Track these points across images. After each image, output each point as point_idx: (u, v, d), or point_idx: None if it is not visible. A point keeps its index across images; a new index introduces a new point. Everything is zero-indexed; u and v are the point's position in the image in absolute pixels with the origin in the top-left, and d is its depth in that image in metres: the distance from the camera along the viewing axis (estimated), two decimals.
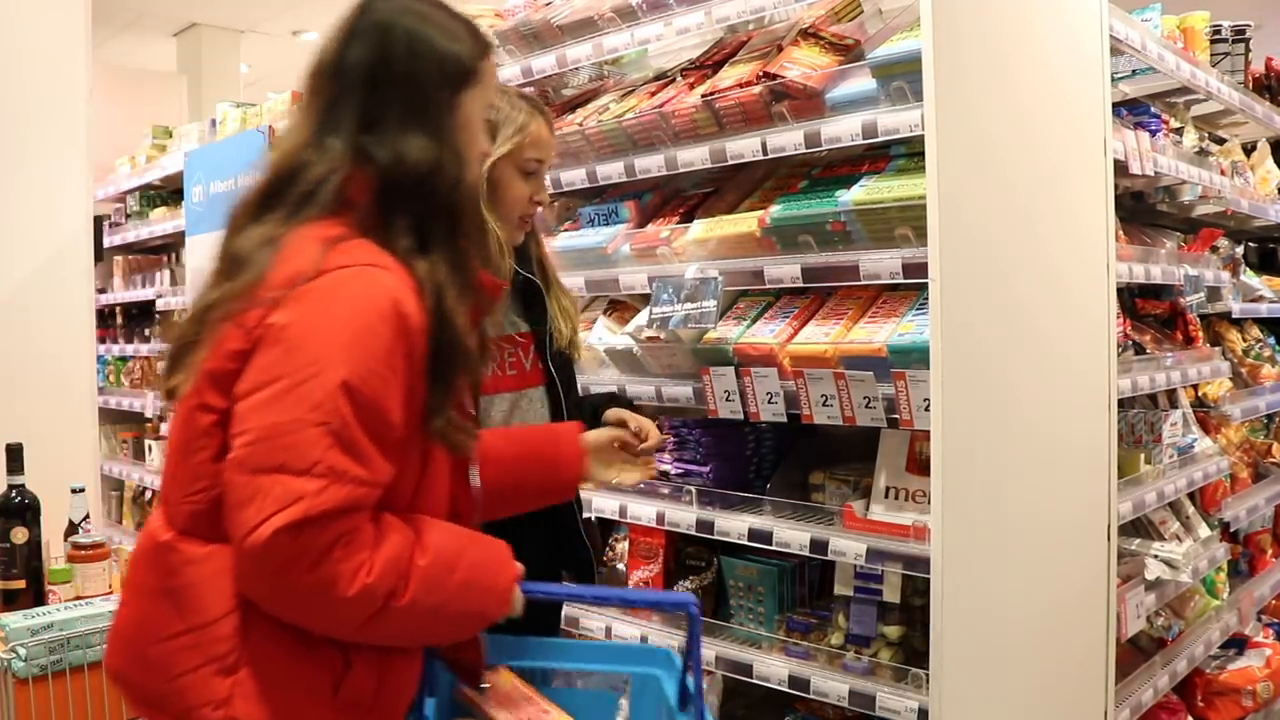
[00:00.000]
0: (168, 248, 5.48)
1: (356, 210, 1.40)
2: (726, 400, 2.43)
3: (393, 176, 1.39)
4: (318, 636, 1.36)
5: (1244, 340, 3.72)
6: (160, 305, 5.18)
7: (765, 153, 2.37)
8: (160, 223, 5.26)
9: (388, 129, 1.40)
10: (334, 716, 1.39)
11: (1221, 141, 3.63)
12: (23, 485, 2.32)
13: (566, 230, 2.96)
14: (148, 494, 5.49)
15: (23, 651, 1.96)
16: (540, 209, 2.01)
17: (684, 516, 2.53)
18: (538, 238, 2.14)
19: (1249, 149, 3.81)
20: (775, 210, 2.39)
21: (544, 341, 2.05)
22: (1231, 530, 3.41)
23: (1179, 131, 3.21)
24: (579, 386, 2.20)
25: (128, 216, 5.67)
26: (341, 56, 1.43)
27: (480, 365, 1.51)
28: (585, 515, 2.18)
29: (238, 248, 1.43)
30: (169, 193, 5.46)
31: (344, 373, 1.28)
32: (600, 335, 2.77)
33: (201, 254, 4.04)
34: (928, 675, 2.04)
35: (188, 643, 1.36)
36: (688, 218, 2.68)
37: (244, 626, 1.36)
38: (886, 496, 2.34)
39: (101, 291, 5.52)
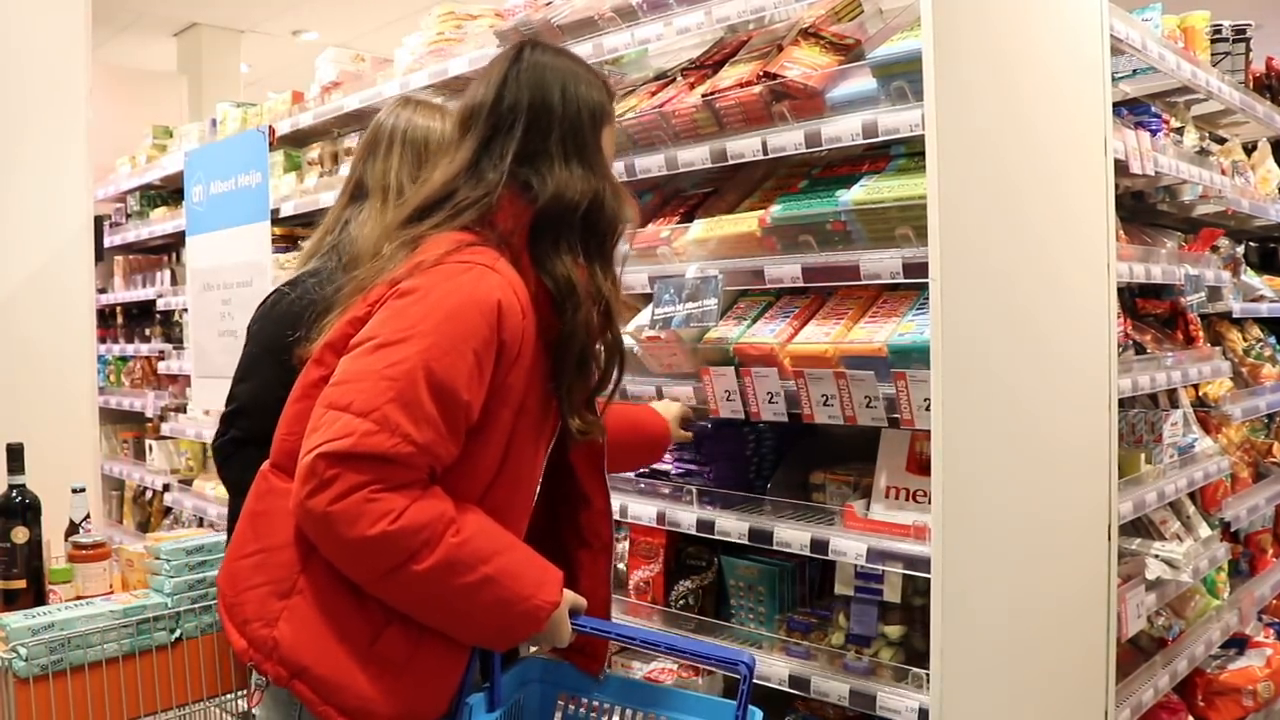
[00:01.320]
0: (168, 248, 5.49)
1: (495, 229, 1.57)
2: (727, 400, 2.43)
3: (556, 205, 1.58)
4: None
5: (1244, 340, 3.72)
6: (160, 305, 5.18)
7: (765, 152, 2.37)
8: (160, 223, 5.26)
9: (547, 163, 1.59)
10: (365, 666, 1.49)
11: (1222, 141, 3.63)
12: (23, 485, 2.32)
13: None
14: (148, 494, 5.49)
15: (23, 651, 1.96)
16: None
17: (684, 516, 2.53)
18: None
19: (1249, 149, 3.81)
20: (775, 210, 2.39)
21: None
22: (1232, 530, 3.41)
23: (1179, 131, 3.21)
24: None
25: (128, 216, 5.68)
26: (498, 101, 1.62)
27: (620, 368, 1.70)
28: None
29: (381, 245, 1.62)
30: (169, 193, 5.47)
31: (427, 344, 1.43)
32: None
33: (201, 254, 4.04)
34: (928, 675, 2.04)
35: (257, 561, 1.53)
36: (688, 217, 2.68)
37: (304, 559, 1.50)
38: (887, 496, 2.34)
39: (102, 291, 5.52)
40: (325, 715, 1.48)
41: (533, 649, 1.82)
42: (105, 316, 5.79)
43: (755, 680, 2.36)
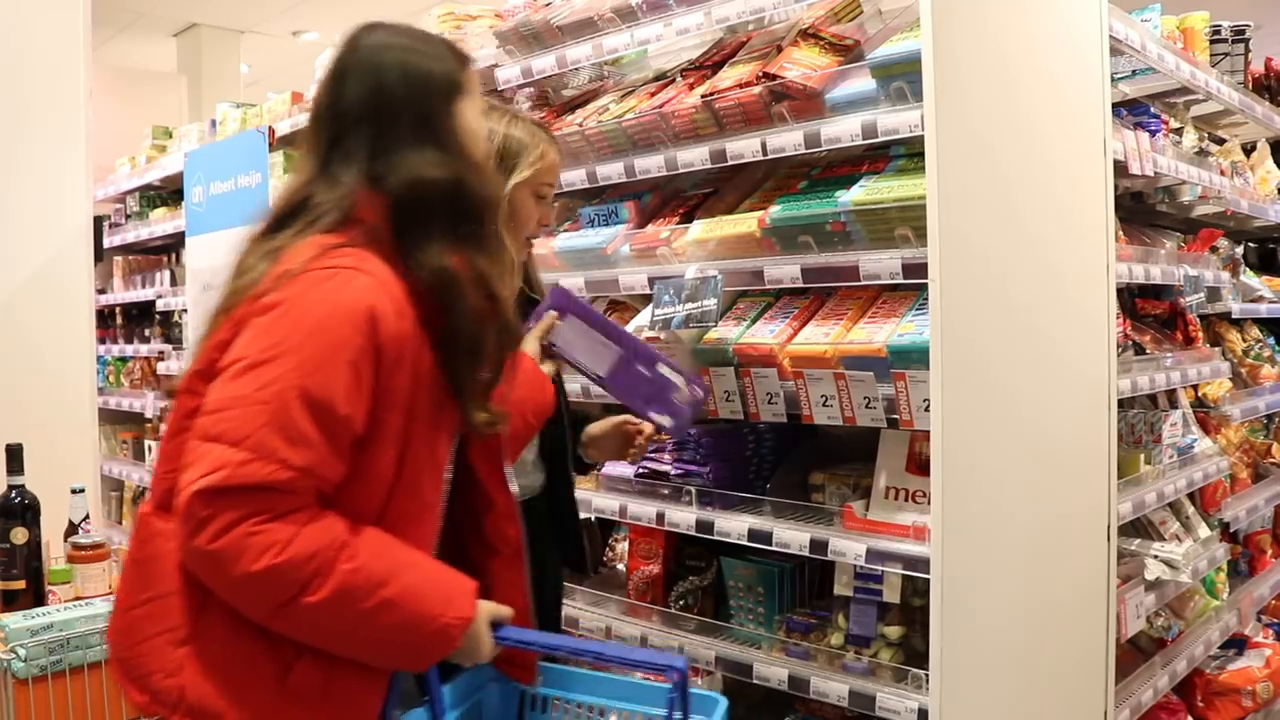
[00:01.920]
0: (168, 248, 5.48)
1: (363, 225, 1.48)
2: (727, 401, 2.43)
3: (413, 193, 1.47)
4: None
5: (1244, 340, 3.72)
6: (160, 306, 5.18)
7: (765, 153, 2.37)
8: (160, 223, 5.26)
9: (399, 153, 1.48)
10: (281, 704, 1.41)
11: (1221, 142, 3.63)
12: (23, 486, 2.32)
13: (566, 231, 2.96)
14: (148, 494, 5.48)
15: (22, 652, 1.96)
16: (544, 231, 2.06)
17: (684, 517, 2.53)
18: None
19: (1248, 149, 3.81)
20: (775, 211, 2.39)
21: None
22: (1231, 530, 3.41)
23: (1179, 132, 3.22)
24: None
25: (128, 217, 5.67)
26: (338, 96, 1.52)
27: (511, 350, 1.59)
28: (584, 516, 2.19)
29: (243, 260, 1.52)
30: (169, 193, 5.46)
31: (295, 361, 1.35)
32: None
33: (201, 255, 4.05)
34: (927, 675, 2.05)
35: (149, 611, 1.43)
36: (688, 218, 2.68)
37: (201, 602, 1.41)
38: (886, 497, 2.34)
39: (101, 292, 5.51)
40: None
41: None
42: (105, 317, 5.79)
43: (755, 681, 2.37)
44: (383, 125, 1.50)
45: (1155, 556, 2.80)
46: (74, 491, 2.56)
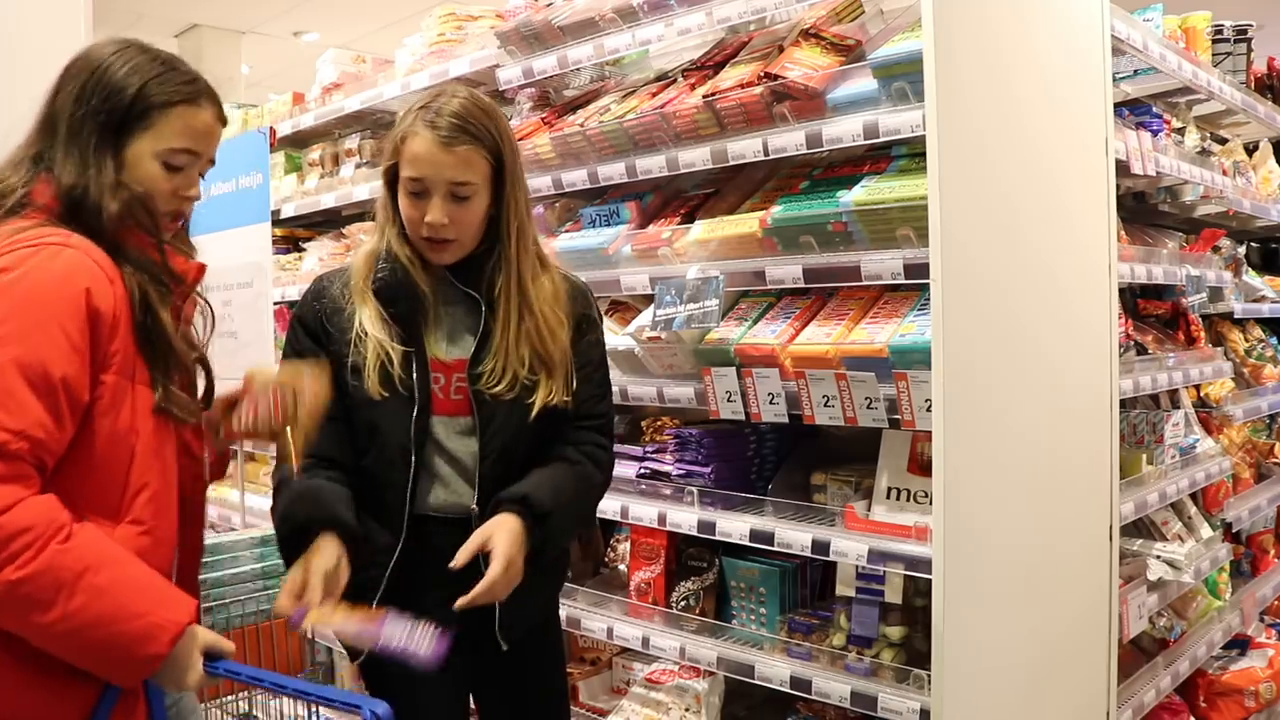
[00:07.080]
0: None
1: (44, 210, 1.54)
2: (728, 401, 2.42)
3: (69, 196, 1.55)
4: None
5: (1246, 340, 3.72)
6: None
7: (766, 153, 2.37)
8: None
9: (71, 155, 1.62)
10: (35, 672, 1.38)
11: (1223, 141, 3.63)
12: None
13: (568, 231, 2.96)
14: None
15: None
16: (430, 226, 1.80)
17: (685, 517, 2.53)
18: (508, 257, 1.83)
19: (1251, 149, 3.81)
20: (776, 211, 2.39)
21: (479, 374, 1.81)
22: (1234, 531, 3.41)
23: (1180, 131, 3.21)
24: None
25: None
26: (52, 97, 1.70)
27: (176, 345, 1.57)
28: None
29: None
30: None
31: (6, 331, 1.37)
32: None
33: (202, 255, 4.04)
34: (929, 676, 2.04)
35: None
36: (689, 218, 2.68)
37: None
38: (888, 497, 2.34)
39: None
40: None
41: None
42: None
43: (757, 681, 2.37)
44: (70, 127, 1.63)
45: (1158, 557, 2.80)
46: None
